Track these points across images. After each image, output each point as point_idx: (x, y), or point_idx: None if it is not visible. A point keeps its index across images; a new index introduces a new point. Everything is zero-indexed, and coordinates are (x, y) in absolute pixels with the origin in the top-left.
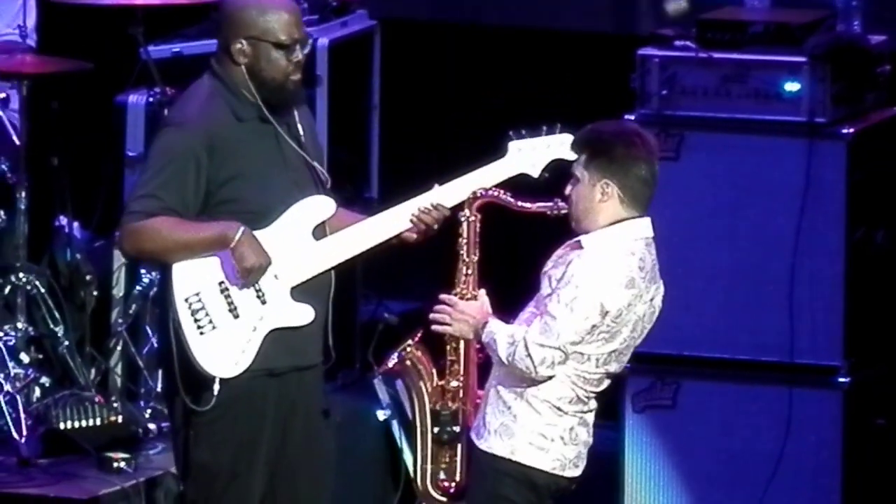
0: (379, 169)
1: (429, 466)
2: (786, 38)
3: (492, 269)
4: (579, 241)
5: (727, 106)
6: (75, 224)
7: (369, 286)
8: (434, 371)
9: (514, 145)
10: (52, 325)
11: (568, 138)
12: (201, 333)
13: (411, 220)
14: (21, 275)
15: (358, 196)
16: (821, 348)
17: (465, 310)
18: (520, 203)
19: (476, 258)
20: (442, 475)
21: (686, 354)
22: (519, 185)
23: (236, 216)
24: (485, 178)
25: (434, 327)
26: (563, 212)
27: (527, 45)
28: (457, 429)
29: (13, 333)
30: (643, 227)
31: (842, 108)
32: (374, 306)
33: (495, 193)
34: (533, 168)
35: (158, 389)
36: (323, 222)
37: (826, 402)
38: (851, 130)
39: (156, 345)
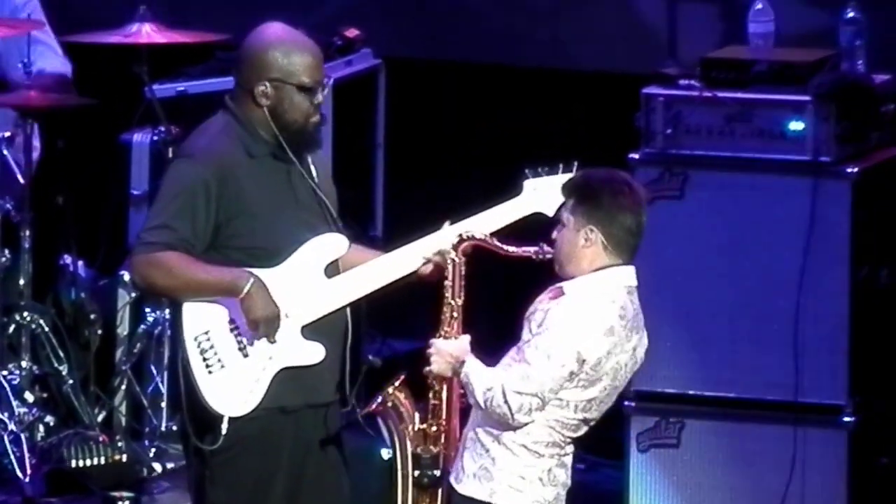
0: (384, 207)
1: None
2: (790, 78)
3: (484, 313)
4: (561, 288)
5: (731, 145)
6: (80, 263)
7: (374, 326)
8: (416, 414)
9: (529, 184)
10: (56, 364)
11: None
12: (210, 372)
13: (427, 258)
14: (25, 314)
15: (363, 234)
16: (826, 387)
17: (443, 348)
18: (505, 247)
19: (461, 301)
20: None
21: (691, 393)
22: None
23: (245, 252)
24: (498, 216)
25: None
26: (549, 256)
27: (532, 84)
28: (437, 472)
29: (17, 372)
30: (626, 275)
31: (846, 147)
32: (379, 345)
33: (481, 237)
34: (548, 208)
35: (163, 429)
36: (335, 260)
37: (831, 441)
38: (856, 169)
39: (161, 384)
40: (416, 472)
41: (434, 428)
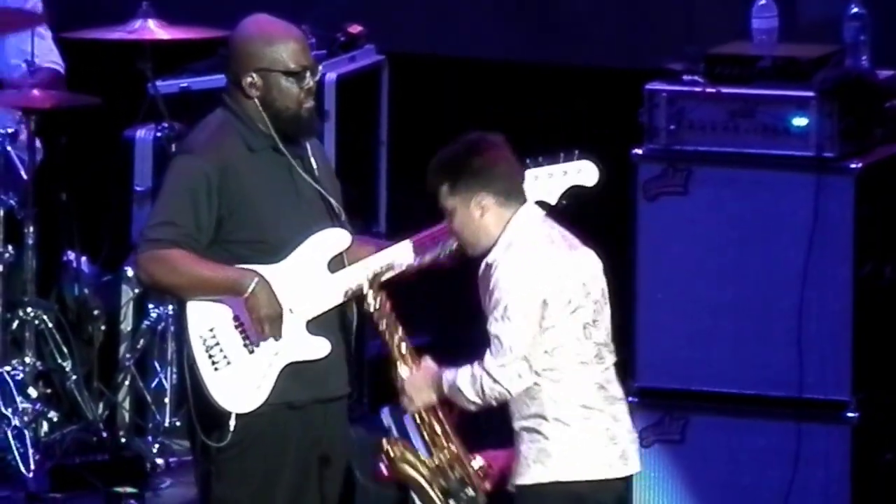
0: (387, 204)
1: None
2: (794, 73)
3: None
4: (487, 263)
5: (735, 141)
6: (83, 259)
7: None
8: (421, 456)
9: (530, 173)
10: (60, 360)
11: (586, 164)
12: (216, 369)
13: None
14: (29, 310)
15: (366, 230)
16: (829, 383)
17: (413, 381)
18: (410, 264)
19: (401, 333)
20: None
21: (694, 389)
22: None
23: (248, 246)
24: None
25: (405, 411)
26: (454, 246)
27: (535, 80)
28: (471, 491)
29: (21, 368)
30: (531, 211)
31: (850, 142)
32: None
33: (379, 271)
34: (550, 195)
35: (167, 424)
36: (339, 254)
37: (834, 437)
38: (860, 165)
39: (164, 380)
40: (452, 502)
41: (441, 456)
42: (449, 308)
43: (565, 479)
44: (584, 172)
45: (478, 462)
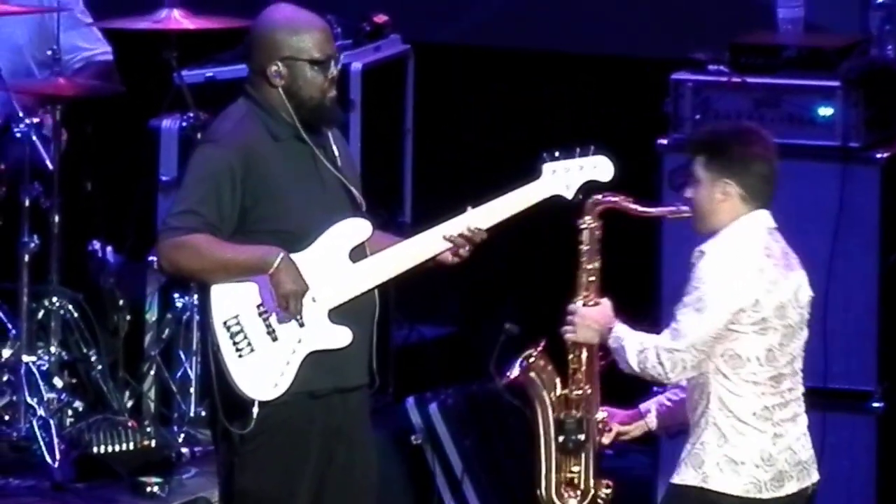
0: (412, 193)
1: (553, 476)
2: (819, 63)
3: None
4: (702, 250)
5: None
6: (108, 248)
7: (401, 311)
8: (557, 381)
9: (547, 167)
10: (85, 350)
11: (601, 160)
12: (240, 356)
13: (449, 240)
14: (55, 299)
15: (391, 220)
16: (854, 373)
17: (587, 315)
18: (640, 208)
19: (598, 265)
20: (567, 484)
21: None
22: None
23: (273, 236)
24: (518, 200)
25: (563, 335)
26: (686, 215)
27: (560, 70)
28: (582, 437)
29: (46, 358)
30: (762, 217)
31: (875, 132)
32: (407, 331)
33: (615, 199)
34: (567, 190)
35: (192, 414)
36: (360, 244)
37: (860, 428)
38: (885, 155)
39: (189, 370)
40: (561, 438)
41: (576, 393)
42: (473, 300)
43: (710, 489)
44: (600, 168)
45: (602, 414)
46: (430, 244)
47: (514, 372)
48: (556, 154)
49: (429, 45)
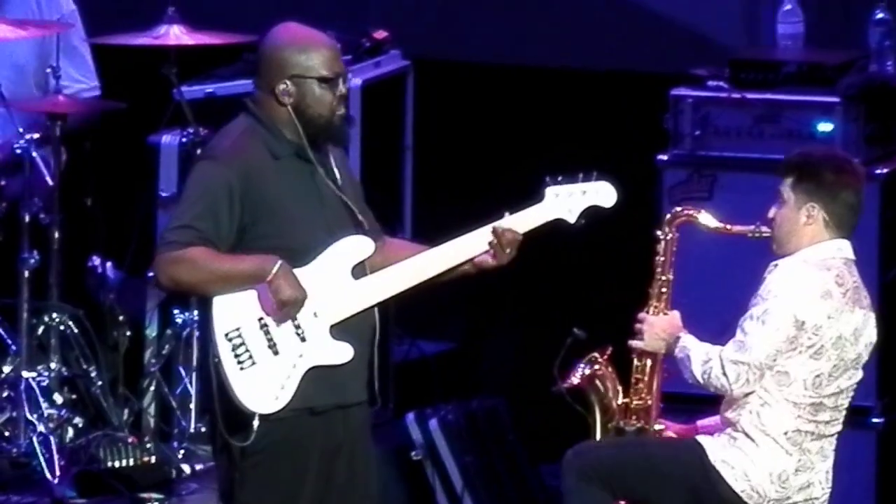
0: (412, 209)
1: None
2: (819, 79)
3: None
4: (777, 264)
5: (760, 146)
6: (108, 264)
7: (402, 326)
8: (619, 388)
9: (550, 191)
10: (85, 366)
11: (604, 186)
12: (241, 369)
13: (490, 240)
14: (54, 315)
15: (391, 236)
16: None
17: (655, 324)
18: (721, 224)
19: (671, 277)
20: None
21: None
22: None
23: (271, 252)
24: (522, 221)
25: (630, 343)
26: (766, 235)
27: (560, 86)
28: None
29: (46, 373)
30: (842, 246)
31: (875, 148)
32: (407, 347)
33: (695, 213)
34: (569, 214)
35: (192, 430)
36: (362, 261)
37: (859, 443)
38: (885, 170)
39: (189, 385)
40: None
41: (637, 403)
42: (475, 316)
43: (718, 471)
44: (603, 193)
45: (660, 426)
46: (436, 262)
47: (577, 377)
48: (559, 178)
49: (429, 61)
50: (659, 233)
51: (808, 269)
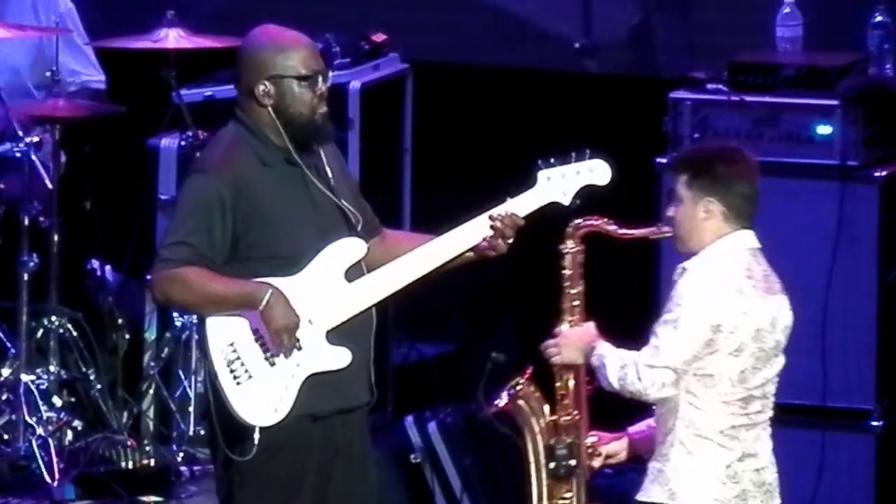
0: (411, 212)
1: (546, 503)
2: (818, 82)
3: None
4: (684, 267)
5: (759, 149)
6: (107, 267)
7: (401, 329)
8: (545, 407)
9: (542, 174)
10: (84, 369)
11: (597, 163)
12: (238, 384)
13: (492, 225)
14: (53, 318)
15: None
16: (853, 391)
17: (570, 335)
18: (621, 231)
19: (581, 289)
20: None
21: None
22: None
23: (266, 262)
24: (516, 208)
25: (548, 358)
26: (667, 235)
27: (559, 89)
28: (573, 462)
29: (46, 377)
30: (746, 238)
31: (874, 150)
32: (406, 350)
33: (596, 222)
34: (563, 196)
35: (191, 433)
36: (356, 263)
37: (859, 446)
38: (884, 173)
39: (188, 388)
40: (552, 464)
41: (565, 418)
42: (474, 317)
43: None
44: (597, 171)
45: (592, 439)
46: (428, 259)
47: (503, 400)
48: (552, 160)
49: (428, 64)
50: (562, 246)
51: (716, 269)
